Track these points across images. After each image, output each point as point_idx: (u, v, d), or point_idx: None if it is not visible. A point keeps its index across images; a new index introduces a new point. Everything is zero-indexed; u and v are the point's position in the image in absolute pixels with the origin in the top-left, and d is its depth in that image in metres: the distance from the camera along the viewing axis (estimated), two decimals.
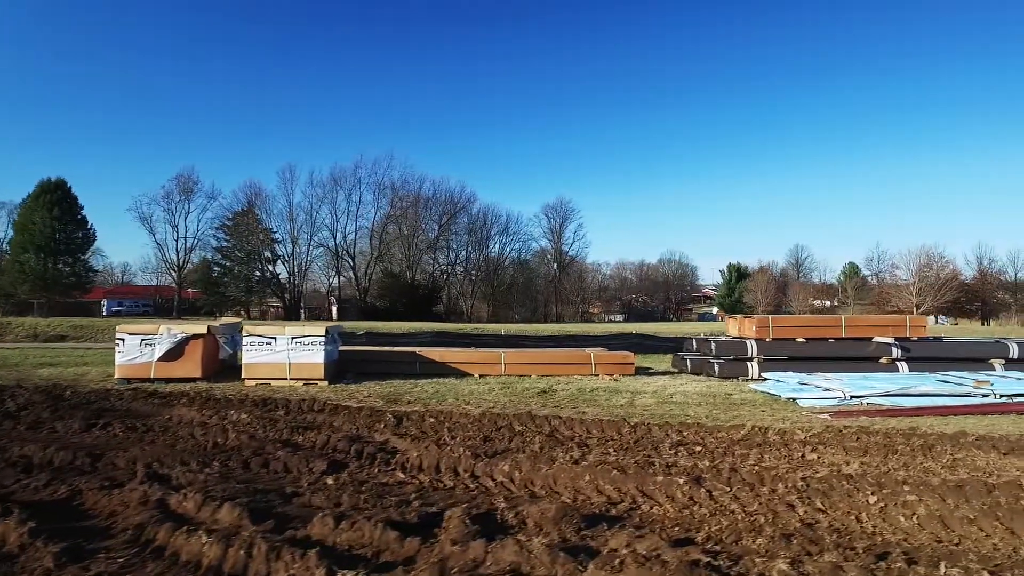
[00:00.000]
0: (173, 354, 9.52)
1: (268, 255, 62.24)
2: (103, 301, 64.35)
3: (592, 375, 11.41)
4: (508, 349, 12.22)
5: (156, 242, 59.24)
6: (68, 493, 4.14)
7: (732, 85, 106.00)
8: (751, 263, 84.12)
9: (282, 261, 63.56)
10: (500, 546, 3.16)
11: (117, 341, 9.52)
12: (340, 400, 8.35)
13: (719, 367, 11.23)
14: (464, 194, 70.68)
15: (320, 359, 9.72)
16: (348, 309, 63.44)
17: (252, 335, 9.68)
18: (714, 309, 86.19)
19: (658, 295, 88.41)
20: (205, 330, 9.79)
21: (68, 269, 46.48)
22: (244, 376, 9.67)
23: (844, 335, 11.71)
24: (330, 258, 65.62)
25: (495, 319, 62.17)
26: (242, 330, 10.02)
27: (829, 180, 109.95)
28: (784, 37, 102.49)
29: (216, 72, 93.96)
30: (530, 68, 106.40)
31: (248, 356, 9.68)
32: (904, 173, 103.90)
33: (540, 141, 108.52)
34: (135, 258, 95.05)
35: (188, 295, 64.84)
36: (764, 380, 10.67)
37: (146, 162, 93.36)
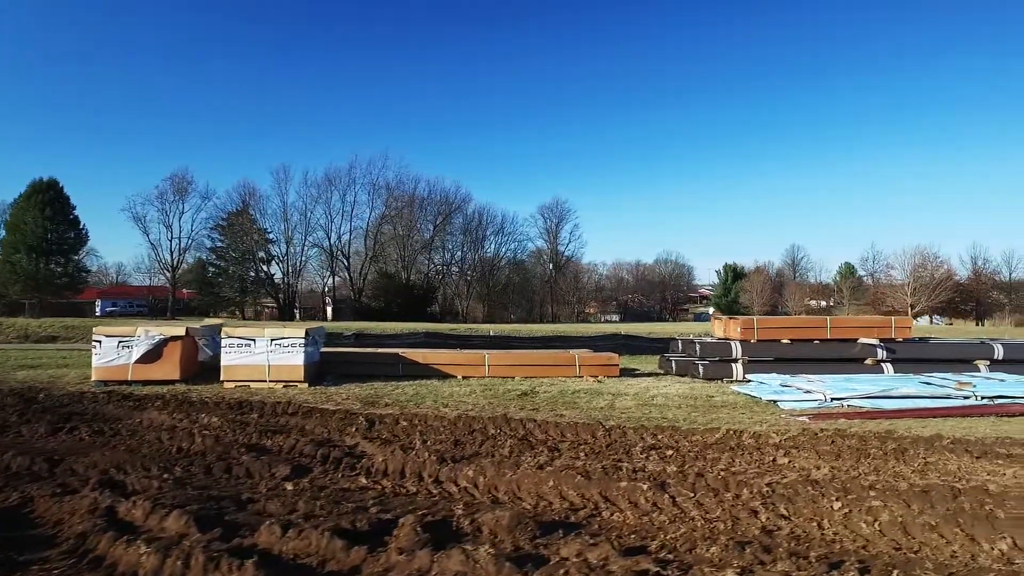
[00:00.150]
0: (151, 356, 9.43)
1: (262, 255, 62.09)
2: (97, 302, 64.09)
3: (576, 377, 11.35)
4: (492, 350, 12.15)
5: (150, 242, 59.05)
6: (19, 500, 4.07)
7: (729, 86, 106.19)
8: (747, 263, 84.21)
9: (276, 261, 63.43)
10: (446, 556, 3.10)
11: (94, 343, 9.43)
12: (317, 403, 8.28)
13: (703, 369, 11.19)
14: (459, 194, 70.63)
15: (300, 361, 9.65)
16: (343, 309, 63.31)
17: (231, 337, 9.60)
18: (710, 309, 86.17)
19: (654, 295, 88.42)
20: (183, 332, 9.70)
21: (60, 269, 46.29)
22: (223, 378, 9.59)
23: (829, 336, 11.67)
24: (325, 258, 65.49)
25: (490, 319, 62.08)
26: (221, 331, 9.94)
27: (825, 180, 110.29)
28: (781, 37, 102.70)
29: (210, 72, 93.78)
30: (527, 68, 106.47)
31: (227, 358, 9.60)
32: (900, 173, 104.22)
33: (537, 141, 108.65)
34: (130, 258, 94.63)
35: (183, 295, 64.65)
36: (748, 382, 10.63)
37: (140, 162, 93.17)
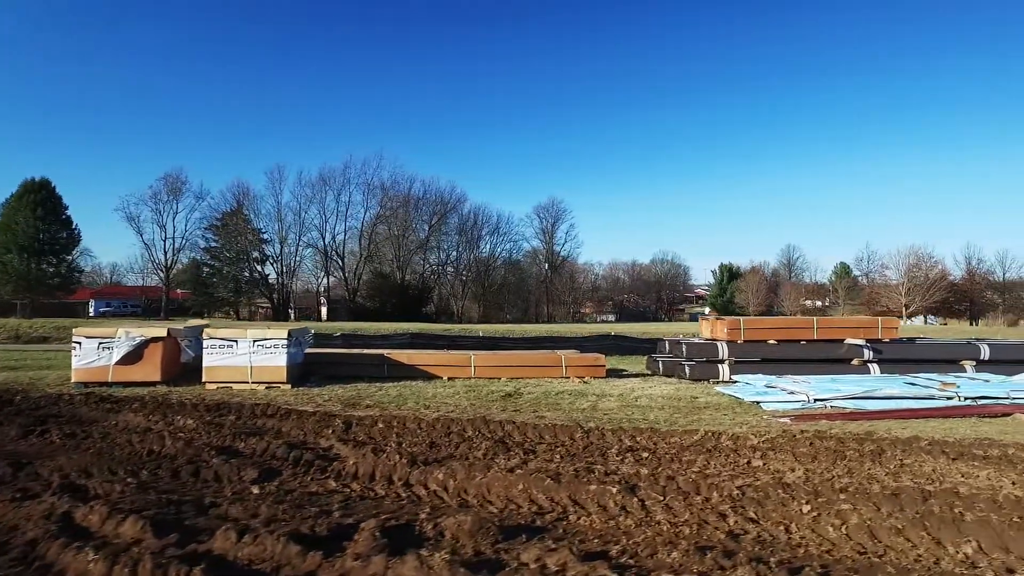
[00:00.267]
0: (131, 357, 9.35)
1: (257, 255, 61.90)
2: (90, 302, 63.85)
3: (563, 377, 11.31)
4: (479, 351, 12.10)
5: (144, 242, 58.85)
6: None
7: (726, 86, 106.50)
8: (743, 263, 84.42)
9: (271, 262, 63.25)
10: (401, 562, 3.05)
11: (74, 344, 9.35)
12: (297, 404, 8.22)
13: (690, 369, 11.16)
14: (454, 194, 70.57)
15: (282, 362, 9.58)
16: (338, 309, 63.17)
17: (212, 338, 9.52)
18: (706, 309, 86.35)
19: (649, 295, 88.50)
20: (165, 333, 9.62)
21: (52, 270, 46.06)
22: (204, 379, 9.51)
23: (816, 337, 11.65)
24: (319, 258, 65.35)
25: (486, 320, 62.01)
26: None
27: (822, 180, 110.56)
28: (778, 38, 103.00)
29: (205, 71, 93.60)
30: (524, 69, 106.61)
31: (209, 359, 9.52)
32: (895, 174, 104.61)
33: (533, 141, 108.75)
34: (124, 259, 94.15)
35: (177, 296, 64.42)
36: (734, 383, 10.61)
37: (135, 162, 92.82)
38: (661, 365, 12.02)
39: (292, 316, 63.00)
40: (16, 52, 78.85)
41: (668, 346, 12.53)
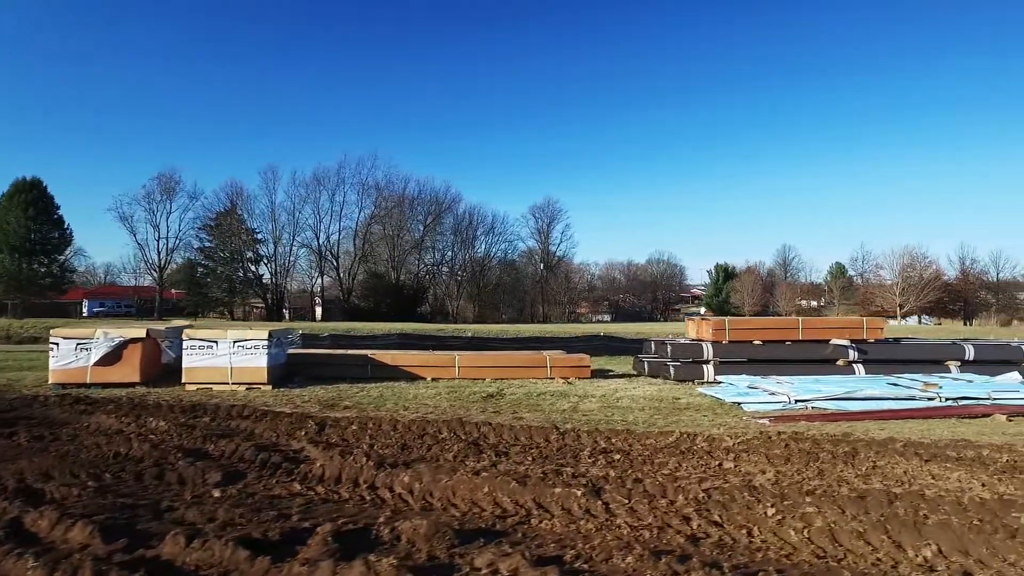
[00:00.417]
0: (110, 358, 9.28)
1: (251, 255, 61.71)
2: (84, 302, 63.56)
3: (548, 378, 11.27)
4: (463, 352, 12.06)
5: (137, 242, 58.60)
6: None
7: (724, 87, 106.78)
8: (739, 263, 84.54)
9: (265, 262, 63.06)
10: (349, 567, 3.00)
11: (51, 346, 9.27)
12: (275, 406, 8.16)
13: (675, 370, 11.13)
14: (449, 194, 70.51)
15: (263, 363, 9.52)
16: (332, 310, 63.05)
17: (192, 339, 9.46)
18: (702, 309, 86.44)
19: (645, 295, 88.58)
20: (144, 334, 9.55)
21: (44, 270, 45.81)
22: (184, 380, 9.45)
23: (801, 337, 11.64)
24: (314, 258, 65.19)
25: (481, 320, 61.96)
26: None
27: (818, 181, 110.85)
28: (775, 39, 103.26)
29: (199, 71, 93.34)
30: (520, 69, 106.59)
31: (188, 360, 9.45)
32: (891, 174, 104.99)
33: (530, 142, 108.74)
34: (118, 259, 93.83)
35: (171, 296, 64.20)
36: (718, 383, 10.58)
37: (130, 162, 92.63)
38: (647, 366, 11.99)
39: (287, 316, 62.84)
40: (8, 51, 78.48)
41: (654, 347, 12.50)
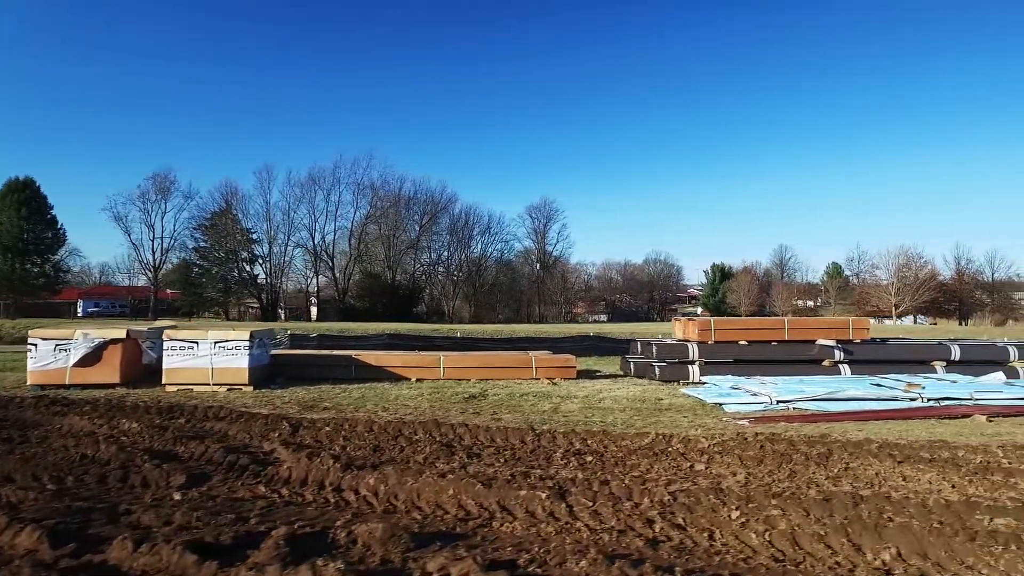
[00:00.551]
0: (90, 359, 9.21)
1: (246, 255, 61.57)
2: (79, 302, 63.37)
3: (533, 379, 11.23)
4: (448, 352, 12.01)
5: (132, 242, 58.41)
6: None
7: (722, 88, 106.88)
8: (735, 263, 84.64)
9: (260, 262, 62.92)
10: (295, 572, 2.97)
11: (29, 347, 9.21)
12: (254, 407, 8.11)
13: (660, 370, 11.10)
14: (445, 194, 70.46)
15: (244, 364, 9.46)
16: (328, 310, 62.92)
17: (172, 339, 9.40)
18: (698, 309, 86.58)
19: (642, 295, 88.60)
20: (124, 334, 9.49)
21: (37, 270, 45.64)
22: (164, 381, 9.39)
23: (787, 338, 11.61)
24: (310, 258, 65.07)
25: (477, 320, 61.92)
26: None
27: (815, 180, 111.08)
28: (772, 39, 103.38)
29: (194, 71, 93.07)
30: (517, 69, 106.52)
31: (169, 361, 9.40)
32: (887, 174, 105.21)
33: (526, 142, 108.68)
34: (113, 258, 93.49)
35: (166, 296, 64.02)
36: (703, 384, 10.56)
37: (125, 162, 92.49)
38: (633, 366, 11.96)
39: (283, 316, 62.73)
40: (2, 50, 78.19)
41: (640, 347, 12.47)
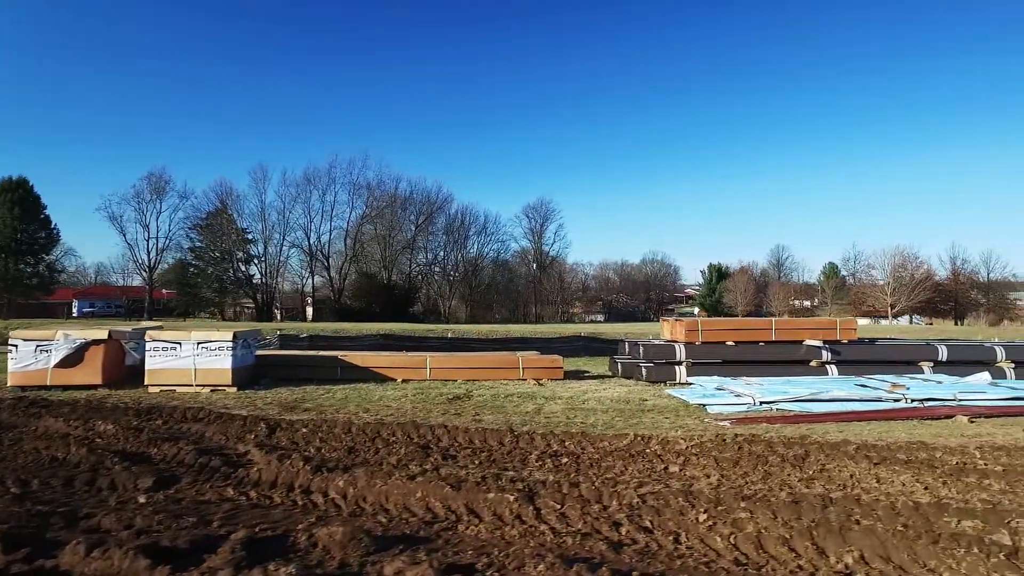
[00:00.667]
0: (71, 360, 9.16)
1: (241, 255, 61.43)
2: (74, 302, 63.21)
3: (520, 379, 11.20)
4: (435, 353, 11.98)
5: (127, 242, 58.25)
6: None
7: (719, 88, 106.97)
8: (733, 263, 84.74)
9: (256, 261, 62.79)
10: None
11: (10, 348, 9.15)
12: (234, 408, 8.06)
13: (647, 371, 11.07)
14: (441, 194, 70.40)
15: (228, 364, 9.41)
16: (323, 310, 62.82)
17: (155, 340, 9.35)
18: (695, 309, 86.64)
19: (638, 295, 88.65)
20: (106, 335, 9.43)
21: (30, 270, 45.46)
22: (147, 382, 9.34)
23: (775, 338, 11.60)
24: (305, 258, 64.95)
25: (473, 320, 61.86)
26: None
27: (812, 180, 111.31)
28: (770, 39, 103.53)
29: (189, 71, 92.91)
30: (514, 69, 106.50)
31: (151, 362, 9.35)
32: (884, 174, 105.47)
33: (523, 142, 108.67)
34: (109, 258, 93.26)
35: (162, 296, 63.88)
36: (689, 385, 10.54)
37: (121, 161, 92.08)
38: (620, 367, 11.93)
39: (279, 316, 62.65)
40: None
41: (628, 347, 12.44)
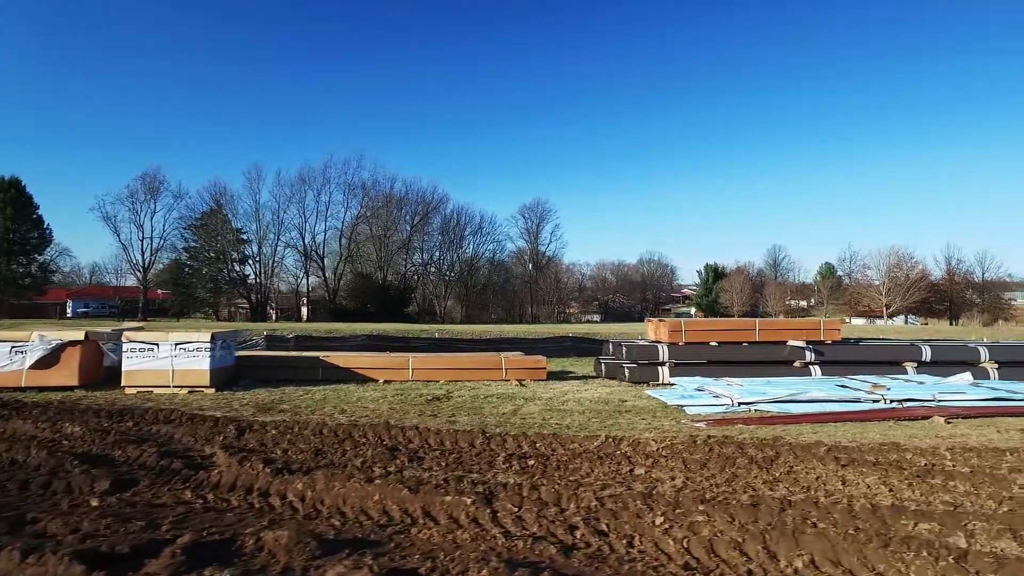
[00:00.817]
0: (47, 362, 9.10)
1: (236, 256, 61.27)
2: (68, 302, 63.04)
3: (503, 380, 11.16)
4: (418, 354, 11.93)
5: (121, 242, 58.03)
6: None
7: (717, 88, 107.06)
8: (730, 263, 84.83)
9: (250, 262, 62.64)
10: None
11: None
12: (209, 409, 8.00)
13: (629, 372, 11.04)
14: (436, 194, 70.32)
15: (206, 366, 9.36)
16: (319, 310, 62.72)
17: (132, 341, 9.30)
18: (692, 309, 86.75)
19: (635, 295, 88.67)
20: (83, 336, 9.38)
21: (23, 270, 45.29)
22: (124, 384, 9.28)
23: (758, 339, 11.57)
24: (300, 258, 64.82)
25: (469, 320, 61.81)
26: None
27: (810, 180, 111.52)
28: (766, 39, 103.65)
29: (183, 70, 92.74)
30: (512, 69, 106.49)
31: (128, 363, 9.29)
32: (880, 174, 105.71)
33: (520, 142, 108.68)
34: (104, 258, 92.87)
35: (157, 296, 63.72)
36: (672, 385, 10.50)
37: (117, 162, 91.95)
38: (604, 368, 11.90)
39: (274, 317, 62.51)
40: None
41: (612, 348, 12.41)
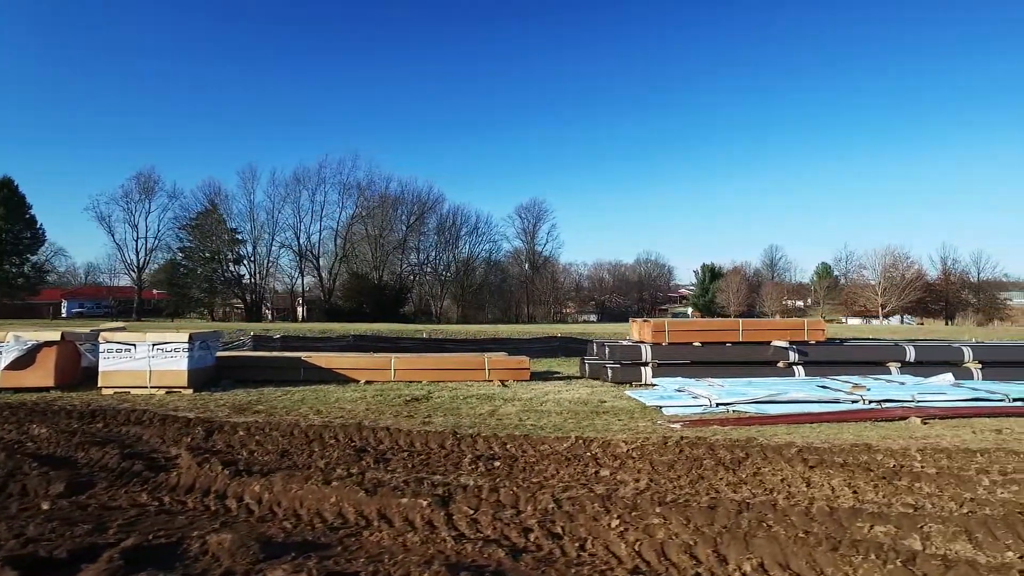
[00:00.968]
0: (23, 362, 9.04)
1: (231, 256, 61.16)
2: (63, 302, 62.84)
3: (486, 380, 11.12)
4: (401, 354, 11.88)
5: (115, 242, 57.93)
6: None
7: (716, 88, 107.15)
8: (727, 263, 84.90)
9: (245, 262, 62.53)
10: None
11: None
12: (183, 410, 7.95)
13: (612, 372, 11.01)
14: (432, 194, 70.27)
15: (183, 366, 9.31)
16: (315, 310, 62.62)
17: (108, 342, 9.24)
18: (689, 309, 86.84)
19: (631, 295, 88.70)
20: (59, 337, 9.32)
21: (16, 270, 45.14)
22: (100, 384, 9.23)
23: (742, 339, 11.54)
24: (295, 258, 64.71)
25: (465, 320, 61.77)
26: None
27: (807, 180, 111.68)
28: (763, 40, 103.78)
29: (179, 70, 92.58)
30: (510, 69, 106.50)
31: (105, 364, 9.24)
32: (876, 174, 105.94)
33: (516, 142, 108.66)
34: (98, 259, 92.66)
35: (151, 296, 63.58)
36: (654, 386, 10.47)
37: (112, 162, 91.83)
38: (588, 368, 11.87)
39: (269, 316, 62.41)
40: None
41: (595, 348, 12.38)
